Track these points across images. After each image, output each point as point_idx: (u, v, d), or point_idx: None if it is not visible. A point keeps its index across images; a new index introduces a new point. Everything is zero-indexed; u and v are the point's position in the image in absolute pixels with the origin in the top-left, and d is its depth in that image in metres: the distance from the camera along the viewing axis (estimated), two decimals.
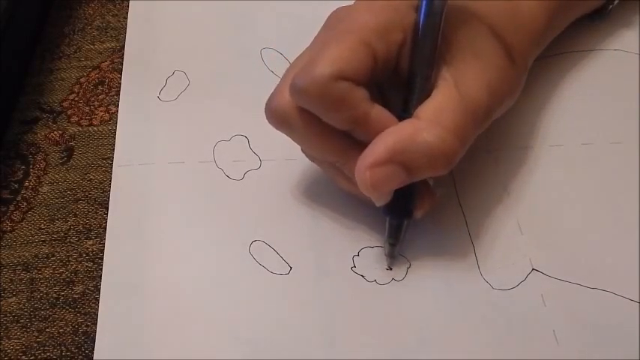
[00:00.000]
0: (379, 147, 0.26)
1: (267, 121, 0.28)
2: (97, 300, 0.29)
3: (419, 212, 0.29)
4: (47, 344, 0.29)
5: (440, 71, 0.27)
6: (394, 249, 0.30)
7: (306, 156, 0.30)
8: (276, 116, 0.28)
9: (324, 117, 0.26)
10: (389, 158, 0.26)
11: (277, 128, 0.28)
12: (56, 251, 0.31)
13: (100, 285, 0.30)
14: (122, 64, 0.38)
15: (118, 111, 0.36)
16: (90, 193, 0.33)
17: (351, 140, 0.27)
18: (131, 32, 0.39)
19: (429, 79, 0.27)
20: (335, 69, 0.25)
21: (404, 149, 0.26)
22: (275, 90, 0.28)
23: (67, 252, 0.31)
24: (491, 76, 0.27)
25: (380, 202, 0.28)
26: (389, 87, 0.29)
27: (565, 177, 0.32)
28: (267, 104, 0.28)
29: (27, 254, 0.31)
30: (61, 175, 0.34)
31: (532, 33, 0.30)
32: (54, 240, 0.32)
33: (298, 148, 0.30)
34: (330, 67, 0.25)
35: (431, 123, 0.26)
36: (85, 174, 0.34)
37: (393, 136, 0.26)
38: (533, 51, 0.31)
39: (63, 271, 0.31)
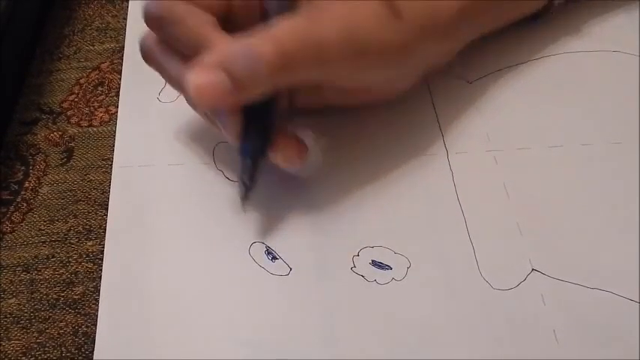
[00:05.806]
0: (208, 54, 0.26)
1: None
2: (97, 301, 0.29)
3: (278, 156, 0.29)
4: (47, 345, 0.29)
5: (300, 6, 0.27)
6: (247, 191, 0.30)
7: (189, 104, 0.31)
8: (142, 51, 0.30)
9: (168, 37, 0.28)
10: (213, 63, 0.26)
11: (146, 62, 0.31)
12: (56, 252, 0.31)
13: (100, 286, 0.30)
14: (122, 64, 0.38)
15: (117, 112, 0.36)
16: (90, 194, 0.33)
17: None
18: (131, 33, 0.39)
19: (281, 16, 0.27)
20: None
21: (229, 55, 0.26)
22: None
23: (67, 253, 0.31)
24: (357, 19, 0.27)
25: (229, 135, 0.28)
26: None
27: (565, 177, 0.32)
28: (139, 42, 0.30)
29: (27, 255, 0.31)
30: (60, 176, 0.34)
31: (437, 9, 0.29)
32: (54, 241, 0.32)
33: None
34: None
35: (260, 34, 0.26)
36: (85, 175, 0.34)
37: (223, 46, 0.27)
38: (438, 27, 0.30)
39: (63, 272, 0.31)
